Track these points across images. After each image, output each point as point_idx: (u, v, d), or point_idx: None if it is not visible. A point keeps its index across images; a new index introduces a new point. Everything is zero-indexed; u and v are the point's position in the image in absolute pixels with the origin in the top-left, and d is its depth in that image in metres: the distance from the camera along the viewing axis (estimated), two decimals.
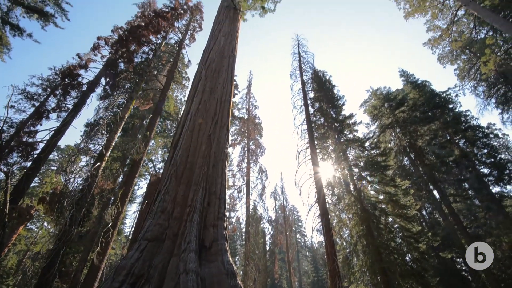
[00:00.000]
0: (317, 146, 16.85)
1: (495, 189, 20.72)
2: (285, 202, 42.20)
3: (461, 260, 22.62)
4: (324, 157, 17.82)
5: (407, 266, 13.16)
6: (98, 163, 12.05)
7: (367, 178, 16.13)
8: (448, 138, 24.40)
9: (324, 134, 18.26)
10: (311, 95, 19.95)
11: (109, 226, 11.08)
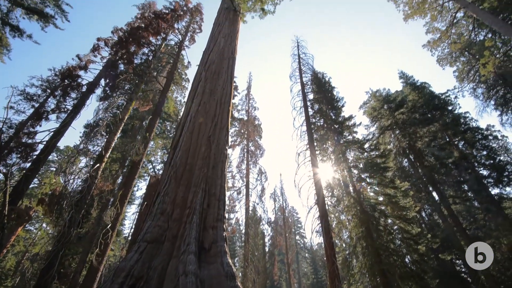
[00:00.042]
0: (316, 147, 16.86)
1: (494, 190, 20.77)
2: (284, 204, 42.22)
3: (460, 262, 22.62)
4: (323, 158, 17.82)
5: (407, 268, 13.15)
6: (98, 164, 12.05)
7: (367, 179, 16.14)
8: (447, 140, 24.44)
9: (323, 135, 18.28)
10: (311, 97, 19.97)
11: (108, 227, 11.06)
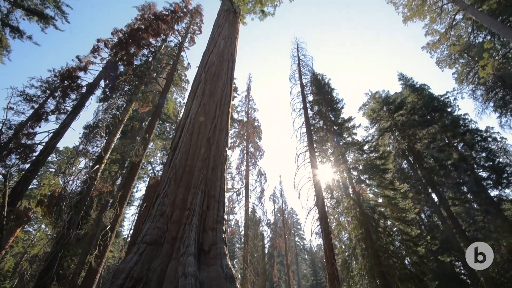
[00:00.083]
0: (316, 149, 16.87)
1: (494, 192, 20.81)
2: (284, 205, 42.16)
3: (460, 263, 22.63)
4: (323, 160, 17.83)
5: (406, 270, 13.15)
6: (97, 166, 12.04)
7: (366, 181, 16.15)
8: (446, 142, 24.47)
9: (323, 137, 18.30)
10: (310, 98, 20.00)
11: (107, 228, 11.03)
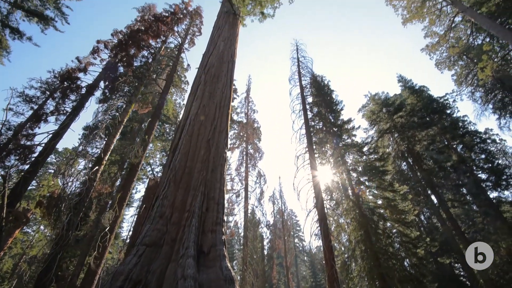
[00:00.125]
0: (315, 150, 16.87)
1: (493, 194, 20.83)
2: (283, 207, 42.12)
3: (459, 265, 22.59)
4: (322, 161, 17.83)
5: (406, 272, 13.15)
6: (96, 167, 12.03)
7: (366, 183, 16.15)
8: (446, 144, 24.51)
9: (322, 138, 18.30)
10: (310, 100, 20.02)
11: (106, 230, 11.00)
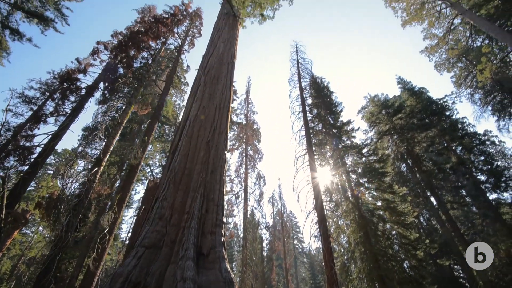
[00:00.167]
0: (315, 152, 16.87)
1: (492, 196, 20.82)
2: (282, 208, 42.10)
3: (458, 267, 22.58)
4: (322, 163, 17.84)
5: (405, 274, 13.12)
6: (96, 168, 12.00)
7: (365, 184, 16.15)
8: (445, 145, 24.53)
9: (322, 140, 18.32)
10: (309, 101, 20.06)
11: (105, 231, 10.98)
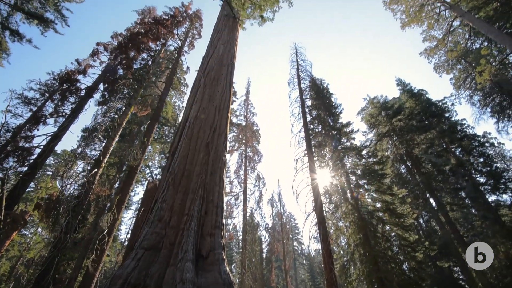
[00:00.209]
0: (314, 153, 16.88)
1: (491, 198, 20.82)
2: (282, 210, 42.04)
3: (458, 269, 22.58)
4: (321, 165, 17.84)
5: (404, 275, 13.11)
6: (95, 169, 11.97)
7: (364, 186, 16.15)
8: (444, 147, 24.55)
9: (321, 142, 18.33)
10: (309, 103, 20.08)
11: (104, 233, 10.96)
